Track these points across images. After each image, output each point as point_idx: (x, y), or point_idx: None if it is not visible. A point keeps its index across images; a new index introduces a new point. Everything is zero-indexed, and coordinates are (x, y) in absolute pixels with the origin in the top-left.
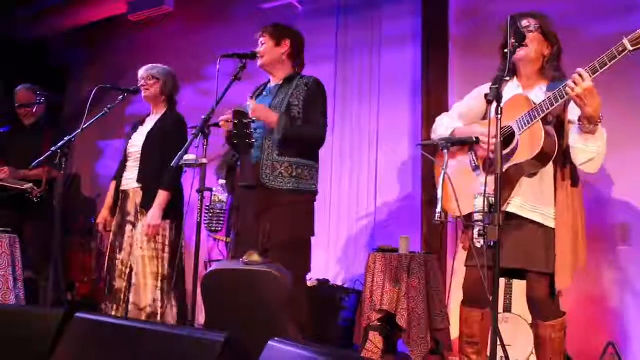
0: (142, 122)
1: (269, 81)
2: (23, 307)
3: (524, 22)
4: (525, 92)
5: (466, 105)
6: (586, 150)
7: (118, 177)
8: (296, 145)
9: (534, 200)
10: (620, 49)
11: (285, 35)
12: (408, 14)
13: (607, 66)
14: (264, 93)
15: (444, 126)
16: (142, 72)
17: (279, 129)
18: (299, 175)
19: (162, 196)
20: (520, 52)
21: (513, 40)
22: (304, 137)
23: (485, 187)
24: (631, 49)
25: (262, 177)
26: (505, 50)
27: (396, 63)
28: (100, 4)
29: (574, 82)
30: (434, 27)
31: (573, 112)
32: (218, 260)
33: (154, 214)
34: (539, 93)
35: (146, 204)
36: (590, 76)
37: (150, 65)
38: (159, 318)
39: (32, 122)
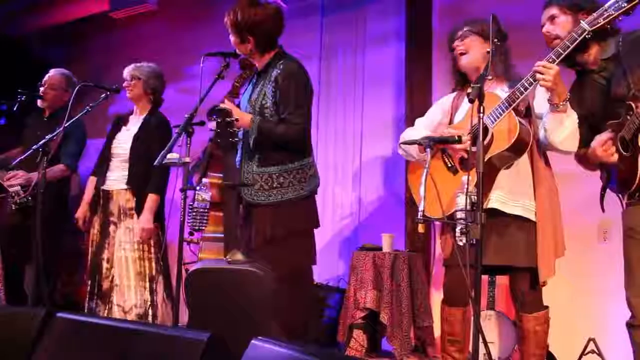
0: (124, 121)
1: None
2: (3, 307)
3: (459, 33)
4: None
5: (429, 118)
6: (562, 128)
7: (99, 174)
8: (273, 149)
9: (514, 193)
10: (579, 31)
11: (247, 31)
12: (392, 13)
13: (570, 48)
14: (249, 87)
15: (410, 138)
16: (125, 71)
17: (252, 131)
18: (282, 185)
19: (152, 200)
20: (462, 61)
21: (496, 40)
22: (278, 137)
23: (467, 185)
24: (589, 29)
25: (244, 191)
26: (488, 52)
27: (380, 62)
28: (81, 1)
29: (541, 72)
30: (418, 26)
31: (539, 106)
32: (192, 262)
33: (146, 218)
34: (502, 94)
35: (137, 207)
36: (555, 60)
37: (134, 64)
38: (150, 319)
39: (50, 113)
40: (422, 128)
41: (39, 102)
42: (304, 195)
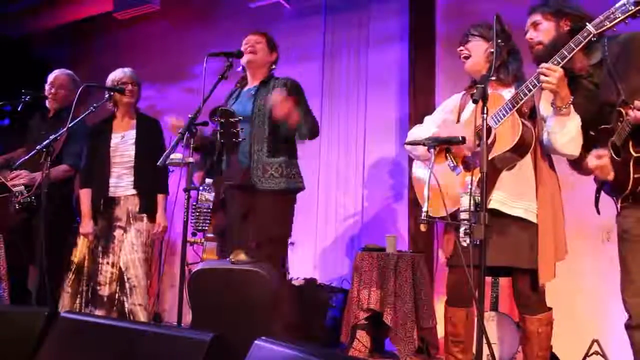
0: (108, 128)
1: (244, 84)
2: (6, 306)
3: (463, 36)
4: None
5: (438, 116)
6: (564, 132)
7: (92, 184)
8: (281, 142)
9: (516, 194)
10: (585, 34)
11: (275, 47)
12: (395, 14)
13: (575, 51)
14: (241, 97)
15: (418, 137)
16: (125, 76)
17: (306, 126)
18: (289, 175)
19: (162, 199)
20: (466, 65)
21: (499, 40)
22: (311, 128)
23: (471, 185)
24: (595, 32)
25: (254, 179)
26: (492, 52)
27: (383, 63)
28: (85, 2)
29: (545, 75)
30: (421, 27)
31: (543, 108)
32: (195, 263)
33: (162, 216)
34: (508, 95)
35: (146, 209)
36: (560, 62)
37: (129, 70)
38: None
39: (54, 113)
40: (430, 126)
41: (47, 103)
42: (301, 187)
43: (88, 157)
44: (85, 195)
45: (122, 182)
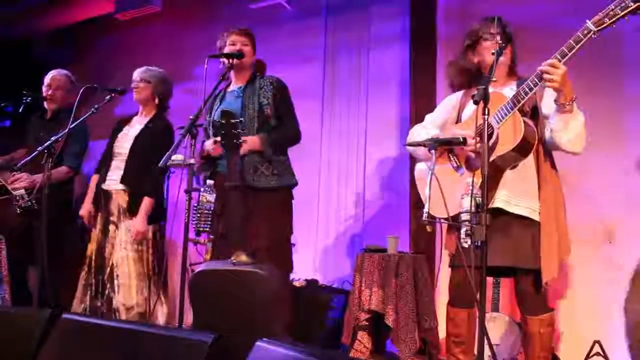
0: (128, 122)
1: (228, 85)
2: (8, 307)
3: (492, 30)
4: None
5: (438, 115)
6: (568, 129)
7: (102, 173)
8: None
9: (519, 193)
10: (585, 31)
11: (255, 46)
12: (396, 15)
13: (575, 49)
14: (226, 98)
15: (419, 137)
16: (135, 74)
17: (266, 149)
18: (280, 173)
19: (146, 203)
20: (500, 58)
21: (500, 41)
22: (287, 141)
23: (472, 186)
24: (595, 29)
25: (247, 178)
26: (493, 53)
27: (384, 64)
28: (86, 3)
29: (548, 72)
30: (422, 28)
31: (547, 106)
32: (199, 263)
33: (140, 220)
34: (510, 93)
35: (132, 208)
36: (560, 60)
37: (145, 67)
38: (149, 317)
39: (52, 115)
40: (430, 125)
41: (46, 104)
42: (295, 183)
43: (106, 147)
44: (92, 181)
45: (113, 176)
